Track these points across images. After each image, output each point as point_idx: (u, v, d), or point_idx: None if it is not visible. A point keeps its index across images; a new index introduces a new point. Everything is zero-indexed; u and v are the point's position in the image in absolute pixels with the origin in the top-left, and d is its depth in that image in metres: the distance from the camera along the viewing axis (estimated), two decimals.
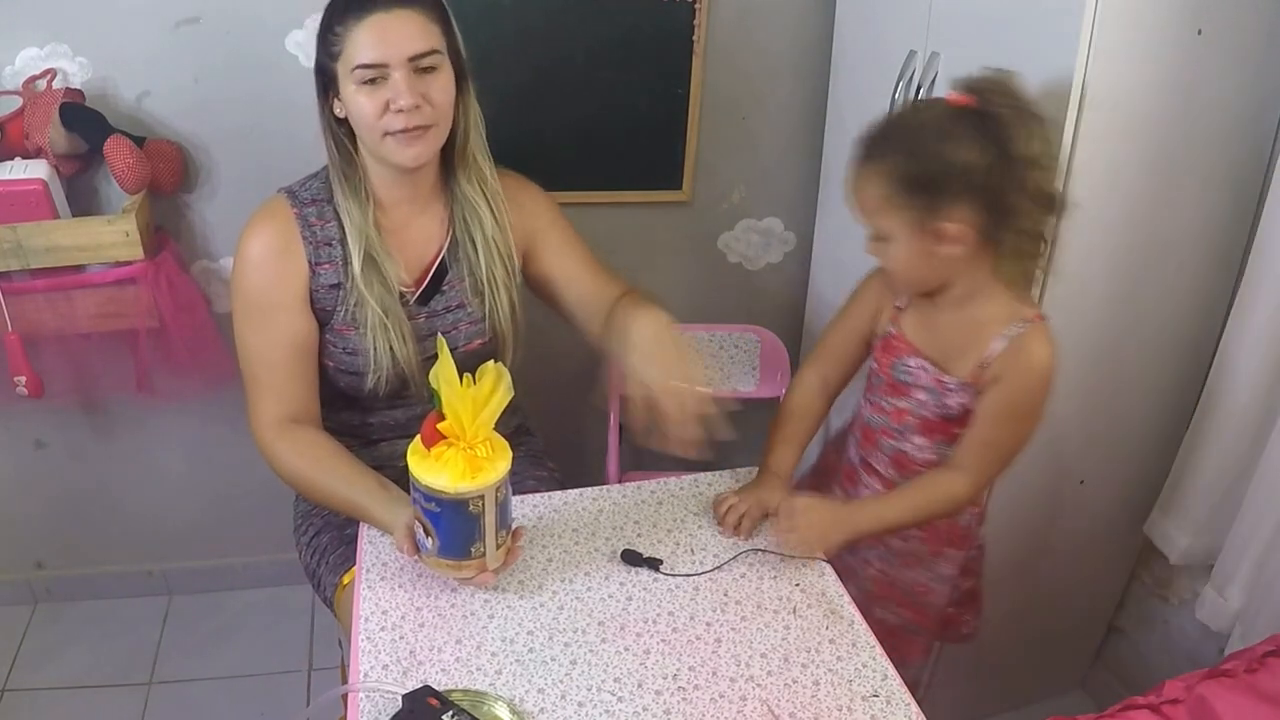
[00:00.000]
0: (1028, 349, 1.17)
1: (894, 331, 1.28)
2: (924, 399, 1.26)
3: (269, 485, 1.44)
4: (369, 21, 1.19)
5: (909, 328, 1.27)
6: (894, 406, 1.29)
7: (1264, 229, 1.31)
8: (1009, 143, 1.08)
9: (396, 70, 1.20)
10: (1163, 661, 1.72)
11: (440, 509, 1.06)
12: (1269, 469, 1.34)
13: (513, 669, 1.05)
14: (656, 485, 1.35)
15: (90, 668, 1.94)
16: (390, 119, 1.22)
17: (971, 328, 1.21)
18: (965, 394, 1.22)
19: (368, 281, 1.30)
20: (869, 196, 1.16)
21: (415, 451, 1.08)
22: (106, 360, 1.73)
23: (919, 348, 1.26)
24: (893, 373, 1.28)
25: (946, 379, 1.23)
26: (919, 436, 1.28)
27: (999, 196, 1.10)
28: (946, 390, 1.23)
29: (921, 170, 1.11)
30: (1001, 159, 1.09)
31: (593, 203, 1.84)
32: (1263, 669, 1.08)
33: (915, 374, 1.26)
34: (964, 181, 1.10)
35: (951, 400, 1.23)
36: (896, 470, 1.32)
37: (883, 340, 1.30)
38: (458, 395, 1.05)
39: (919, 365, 1.25)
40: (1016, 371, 1.18)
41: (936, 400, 1.25)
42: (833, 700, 1.02)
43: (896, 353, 1.28)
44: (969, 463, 1.24)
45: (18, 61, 1.57)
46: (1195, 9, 1.20)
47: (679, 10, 1.68)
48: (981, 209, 1.11)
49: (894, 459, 1.32)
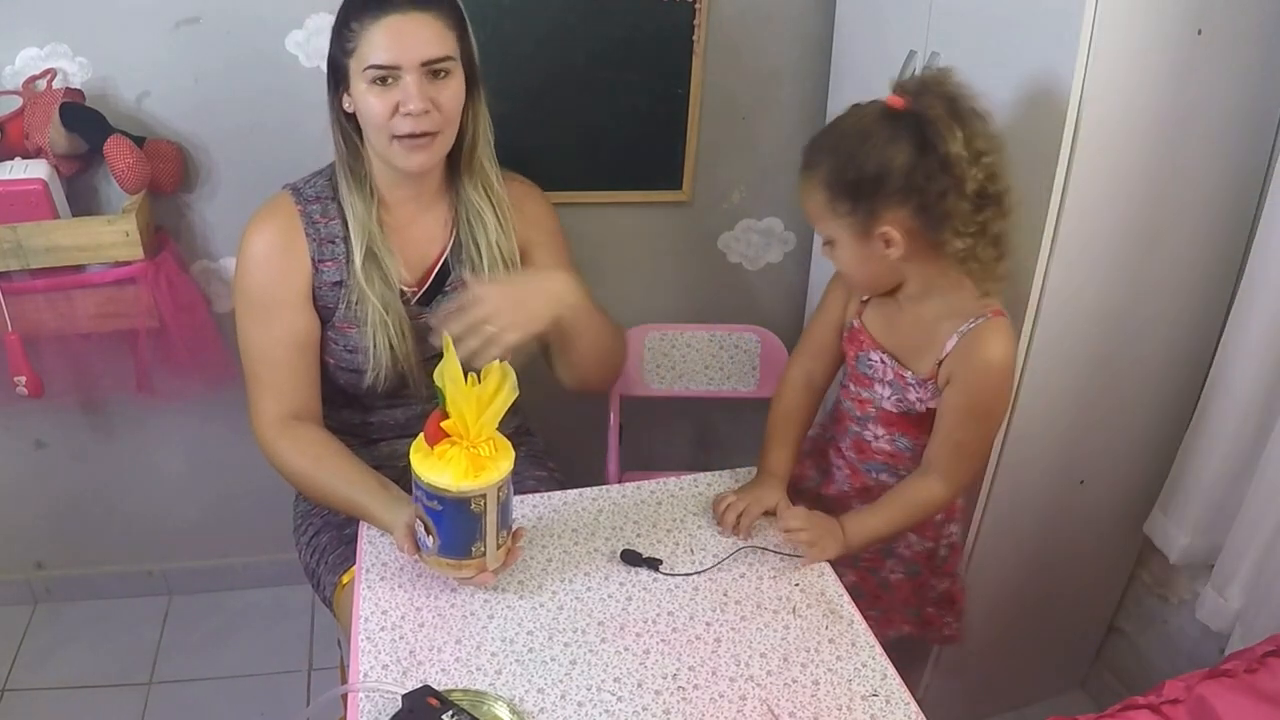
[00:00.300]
0: (979, 347, 1.17)
1: (857, 325, 1.30)
2: (886, 392, 1.28)
3: (269, 485, 1.44)
4: (385, 22, 1.19)
5: (871, 322, 1.29)
6: (859, 395, 1.33)
7: (1264, 229, 1.31)
8: (938, 143, 1.07)
9: (409, 74, 1.20)
10: (1163, 661, 1.72)
11: (442, 507, 1.06)
12: (1269, 469, 1.34)
13: (512, 669, 1.05)
14: (656, 485, 1.35)
15: (90, 668, 1.94)
16: (398, 121, 1.22)
17: (929, 324, 1.22)
18: (925, 390, 1.24)
19: (368, 277, 1.30)
20: (811, 204, 1.18)
21: (418, 449, 1.08)
22: (106, 360, 1.73)
23: (880, 342, 1.27)
24: (857, 365, 1.31)
25: (907, 374, 1.25)
26: (878, 427, 1.32)
27: (930, 198, 1.09)
28: (908, 385, 1.25)
29: (851, 175, 1.12)
30: (929, 160, 1.08)
31: (593, 203, 1.83)
32: (1263, 669, 1.08)
33: (877, 368, 1.28)
34: (891, 184, 1.10)
35: (913, 396, 1.25)
36: (856, 453, 1.36)
37: (849, 332, 1.32)
38: (462, 394, 1.05)
39: (880, 359, 1.27)
40: (970, 369, 1.18)
41: (898, 394, 1.26)
42: (832, 700, 1.02)
43: (860, 346, 1.30)
44: (941, 465, 1.25)
45: (18, 61, 1.57)
46: (1195, 9, 1.20)
47: (679, 10, 1.68)
48: (914, 211, 1.11)
49: (855, 443, 1.36)
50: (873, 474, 1.36)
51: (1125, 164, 1.28)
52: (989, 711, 1.86)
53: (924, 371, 1.23)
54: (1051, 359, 1.39)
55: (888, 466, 1.34)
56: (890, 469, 1.34)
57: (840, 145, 1.14)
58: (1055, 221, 1.27)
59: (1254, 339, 1.33)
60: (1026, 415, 1.42)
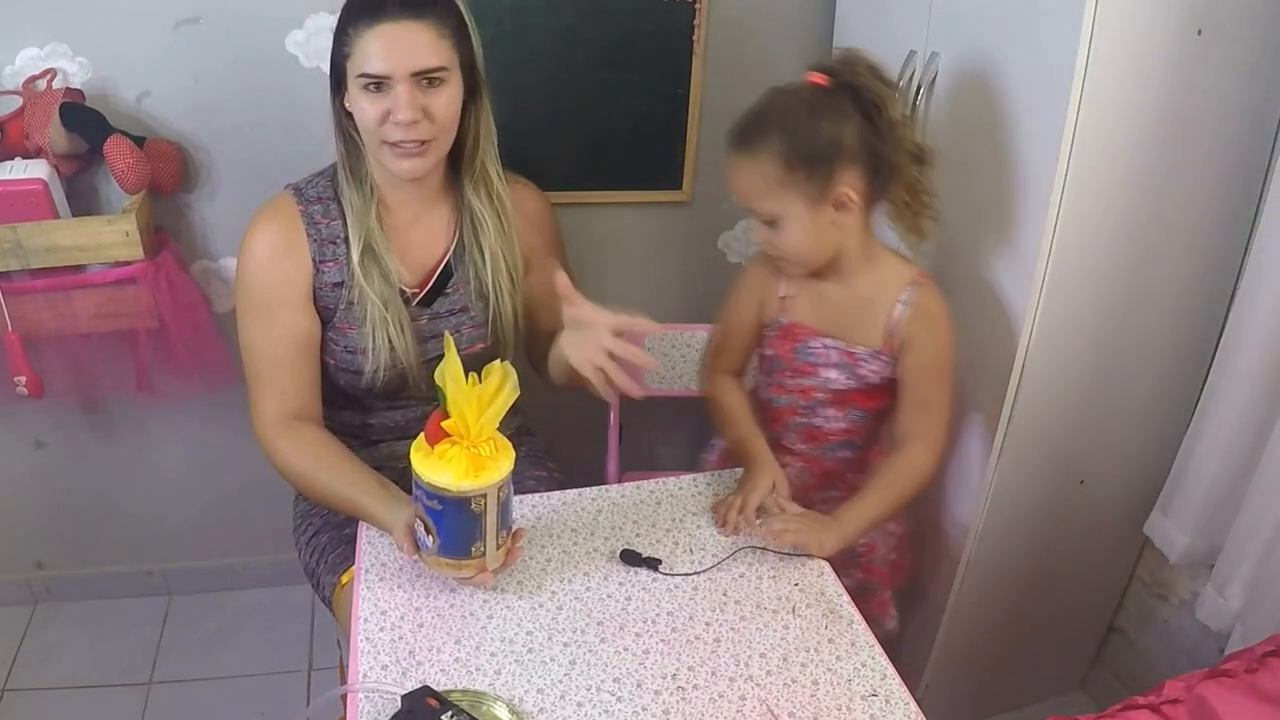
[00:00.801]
0: (930, 308, 1.29)
1: (788, 320, 1.35)
2: (834, 375, 1.34)
3: (269, 485, 1.44)
4: (377, 31, 1.19)
5: (803, 313, 1.34)
6: (800, 385, 1.37)
7: (1264, 229, 1.31)
8: (879, 108, 1.19)
9: (399, 83, 1.20)
10: (1163, 661, 1.72)
11: (442, 507, 1.06)
12: (1269, 469, 1.34)
13: (512, 669, 1.05)
14: (656, 485, 1.35)
15: (90, 668, 1.94)
16: (389, 129, 1.22)
17: (866, 298, 1.30)
18: (878, 361, 1.31)
19: (367, 274, 1.30)
20: (757, 182, 1.22)
21: (418, 449, 1.08)
22: (106, 360, 1.73)
23: (819, 329, 1.33)
24: (796, 357, 1.35)
25: (857, 350, 1.32)
26: (829, 409, 1.37)
27: (881, 158, 1.20)
28: (859, 361, 1.32)
29: (806, 147, 1.18)
30: (874, 124, 1.19)
31: (593, 203, 1.84)
32: (1263, 669, 1.08)
33: (821, 354, 1.33)
34: (846, 149, 1.19)
35: (865, 370, 1.32)
36: (808, 443, 1.41)
37: (779, 330, 1.36)
38: (463, 393, 1.05)
39: (822, 345, 1.33)
40: (929, 330, 1.29)
41: (848, 373, 1.33)
42: (832, 700, 1.02)
43: (797, 338, 1.35)
44: (918, 431, 1.31)
45: (18, 61, 1.57)
46: (1195, 9, 1.20)
47: (679, 10, 1.68)
48: (867, 172, 1.21)
49: (805, 434, 1.40)
50: (831, 455, 1.41)
51: (1125, 164, 1.28)
52: (989, 711, 1.86)
53: (875, 343, 1.31)
54: (1051, 359, 1.39)
55: (846, 443, 1.39)
56: (848, 444, 1.40)
57: (788, 121, 1.20)
58: (1055, 221, 1.27)
59: (1254, 339, 1.33)
60: (1026, 415, 1.42)
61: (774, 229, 1.24)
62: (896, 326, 1.28)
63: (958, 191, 1.46)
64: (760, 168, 1.21)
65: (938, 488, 1.61)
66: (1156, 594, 1.73)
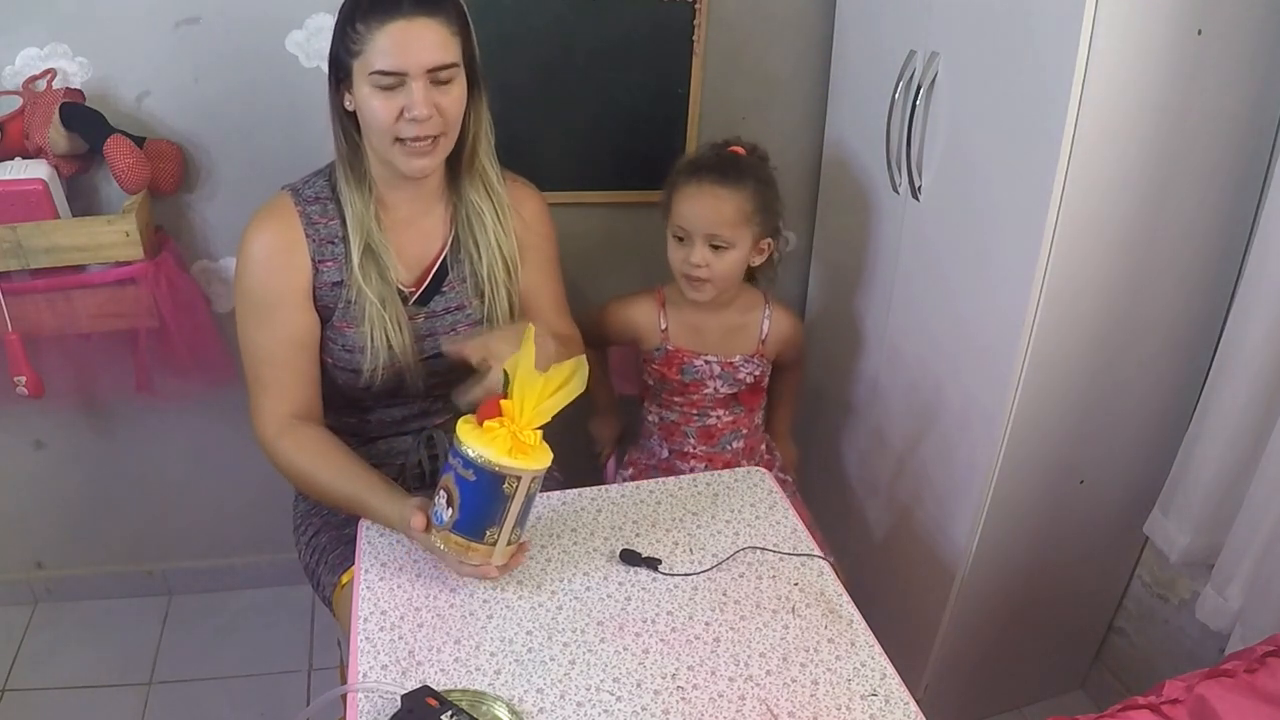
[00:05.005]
0: (787, 317, 1.67)
1: (672, 348, 1.61)
2: (718, 384, 1.62)
3: (269, 485, 1.44)
4: (392, 28, 1.18)
5: (682, 339, 1.61)
6: (689, 399, 1.64)
7: (1264, 229, 1.31)
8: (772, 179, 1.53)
9: (414, 80, 1.20)
10: (1163, 661, 1.72)
11: (476, 478, 1.06)
12: (1269, 469, 1.34)
13: (511, 669, 1.05)
14: (655, 485, 1.35)
15: (90, 668, 1.94)
16: (403, 126, 1.22)
17: (736, 323, 1.62)
18: (753, 364, 1.62)
19: (365, 273, 1.31)
20: (732, 212, 1.47)
21: (467, 421, 1.09)
22: (106, 360, 1.73)
23: (699, 350, 1.61)
24: (683, 375, 1.61)
25: (735, 359, 1.61)
26: (719, 410, 1.65)
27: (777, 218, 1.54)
28: (737, 368, 1.61)
29: (768, 197, 1.51)
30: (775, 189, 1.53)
31: (593, 203, 1.84)
32: (1263, 669, 1.08)
33: (704, 369, 1.61)
34: (775, 207, 1.53)
35: (742, 374, 1.62)
36: (706, 442, 1.66)
37: (664, 356, 1.62)
38: (530, 377, 1.05)
39: (704, 362, 1.61)
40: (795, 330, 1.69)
41: (729, 381, 1.62)
42: (831, 699, 1.02)
43: (682, 361, 1.61)
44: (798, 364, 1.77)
45: (18, 61, 1.57)
46: (1195, 9, 1.20)
47: (679, 10, 1.68)
48: (772, 229, 1.54)
49: (701, 434, 1.66)
50: (728, 445, 1.67)
51: (1125, 164, 1.28)
52: (989, 711, 1.86)
53: (749, 351, 1.62)
54: (1052, 359, 1.39)
55: (735, 432, 1.67)
56: (736, 432, 1.67)
57: (758, 172, 1.50)
58: (1055, 221, 1.27)
59: (1254, 339, 1.33)
60: (1026, 415, 1.42)
61: (718, 255, 1.49)
62: (767, 336, 1.63)
63: (958, 192, 1.46)
64: (739, 201, 1.47)
65: (939, 486, 1.62)
66: (1157, 594, 1.73)
